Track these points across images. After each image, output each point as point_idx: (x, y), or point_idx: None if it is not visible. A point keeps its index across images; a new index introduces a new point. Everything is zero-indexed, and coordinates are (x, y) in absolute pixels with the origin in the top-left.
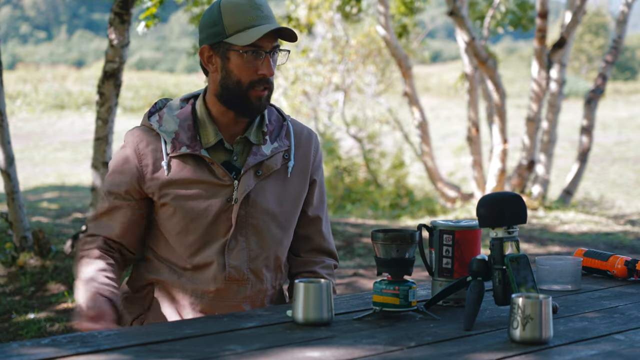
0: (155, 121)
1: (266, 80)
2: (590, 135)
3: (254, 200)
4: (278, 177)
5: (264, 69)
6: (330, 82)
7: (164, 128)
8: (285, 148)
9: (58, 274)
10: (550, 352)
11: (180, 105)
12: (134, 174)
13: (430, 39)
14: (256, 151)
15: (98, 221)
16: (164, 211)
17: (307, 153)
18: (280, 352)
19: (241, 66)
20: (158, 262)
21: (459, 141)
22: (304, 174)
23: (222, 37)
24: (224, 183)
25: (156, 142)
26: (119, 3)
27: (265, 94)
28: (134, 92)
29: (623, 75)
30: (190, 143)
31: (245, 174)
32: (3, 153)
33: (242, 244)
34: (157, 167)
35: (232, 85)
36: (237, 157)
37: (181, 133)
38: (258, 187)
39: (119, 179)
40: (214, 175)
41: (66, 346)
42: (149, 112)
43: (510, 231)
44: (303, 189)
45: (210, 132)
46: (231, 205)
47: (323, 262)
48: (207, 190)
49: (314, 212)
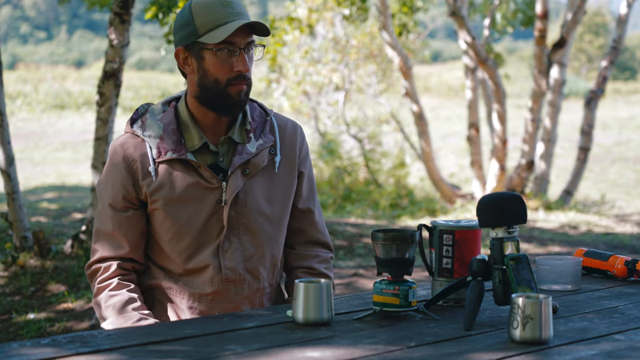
0: (138, 127)
1: (243, 76)
2: (590, 135)
3: (243, 200)
4: (266, 174)
5: (239, 66)
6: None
7: (148, 133)
8: (270, 143)
9: (58, 274)
10: (550, 352)
11: (162, 109)
12: (128, 179)
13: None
14: (241, 150)
15: (104, 241)
16: (155, 217)
17: (292, 146)
18: (280, 352)
19: (216, 64)
20: (155, 268)
21: (459, 141)
22: (291, 168)
23: (195, 37)
24: (212, 185)
25: (142, 148)
26: (119, 3)
27: (245, 88)
28: (134, 92)
29: (623, 75)
30: (175, 147)
31: (233, 174)
32: (3, 153)
33: (236, 245)
34: (146, 172)
35: (209, 84)
36: (223, 158)
37: (166, 138)
38: (247, 186)
39: (114, 189)
40: (202, 178)
41: (66, 346)
42: (131, 119)
43: (510, 231)
44: (292, 183)
45: (195, 135)
46: (221, 207)
47: (319, 256)
48: (196, 194)
49: (305, 204)
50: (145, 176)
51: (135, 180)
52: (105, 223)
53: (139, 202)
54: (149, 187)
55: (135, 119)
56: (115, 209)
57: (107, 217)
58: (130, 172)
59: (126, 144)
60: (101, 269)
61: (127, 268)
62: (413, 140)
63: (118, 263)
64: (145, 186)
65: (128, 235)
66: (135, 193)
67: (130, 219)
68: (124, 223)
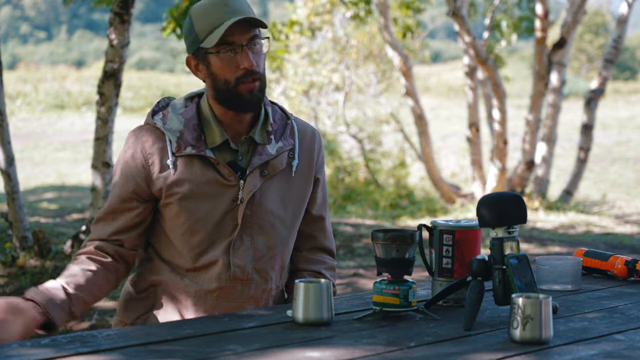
0: (159, 119)
1: (251, 72)
2: (590, 135)
3: (259, 200)
4: (283, 177)
5: (243, 63)
6: (331, 82)
7: (169, 126)
8: (289, 147)
9: (58, 274)
10: (550, 352)
11: (184, 104)
12: (141, 173)
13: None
14: (261, 151)
15: (99, 224)
16: (168, 211)
17: (310, 152)
18: (280, 352)
19: (221, 66)
20: (161, 264)
21: (459, 141)
22: (308, 173)
23: (197, 43)
24: (229, 183)
25: (161, 141)
26: (119, 3)
27: (256, 85)
28: (134, 92)
29: (623, 75)
30: (195, 143)
31: (251, 174)
32: (3, 153)
33: (248, 244)
34: (164, 166)
35: (221, 86)
36: (242, 157)
37: (186, 133)
38: (264, 187)
39: (126, 181)
40: (220, 175)
41: (66, 346)
42: (153, 111)
43: (510, 231)
44: (307, 188)
45: (216, 132)
46: (237, 205)
47: (326, 263)
48: (213, 191)
49: (318, 211)
50: (162, 169)
51: (149, 174)
52: (106, 208)
53: (148, 196)
54: (165, 181)
55: (156, 111)
56: (120, 198)
57: (110, 203)
58: (144, 165)
59: (145, 136)
60: (81, 248)
61: (106, 250)
62: (413, 140)
63: (97, 244)
64: (161, 179)
65: (121, 220)
66: (147, 187)
67: (129, 211)
68: (122, 213)
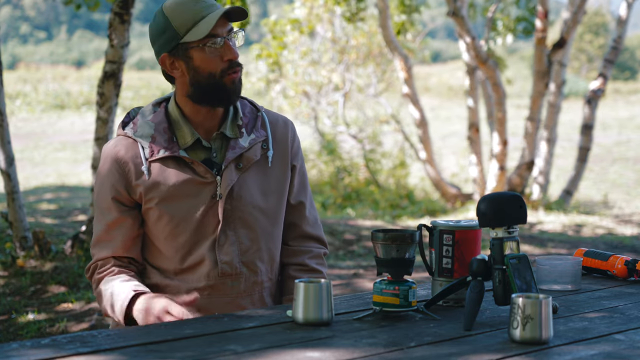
0: (130, 129)
1: (235, 63)
2: (590, 135)
3: (238, 193)
4: (259, 168)
5: (228, 54)
6: (330, 82)
7: (139, 133)
8: (262, 138)
9: (58, 274)
10: (550, 352)
11: (152, 110)
12: (120, 181)
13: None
14: (234, 145)
15: (100, 244)
16: (150, 216)
17: (284, 141)
18: (280, 352)
19: (206, 59)
20: (150, 269)
21: (459, 141)
22: (284, 162)
23: (176, 40)
24: (206, 180)
25: (134, 149)
26: (119, 3)
27: (238, 75)
28: (134, 92)
29: (623, 75)
30: (167, 145)
31: (227, 168)
32: (3, 153)
33: (232, 239)
34: (139, 172)
35: (204, 80)
36: (216, 154)
37: (157, 136)
38: (241, 180)
39: (107, 192)
40: (196, 173)
41: (66, 346)
42: (123, 122)
43: (510, 231)
44: (285, 176)
45: (187, 132)
46: (216, 201)
47: (311, 252)
48: (190, 190)
49: (296, 198)
50: (138, 176)
51: (128, 182)
52: (100, 227)
53: (132, 203)
54: (142, 186)
55: (126, 122)
56: (108, 211)
57: (101, 221)
58: (122, 174)
59: (117, 146)
60: (98, 265)
61: (125, 263)
62: (413, 140)
63: (114, 261)
64: (139, 186)
65: (121, 237)
66: (128, 195)
67: (122, 221)
68: (117, 225)
